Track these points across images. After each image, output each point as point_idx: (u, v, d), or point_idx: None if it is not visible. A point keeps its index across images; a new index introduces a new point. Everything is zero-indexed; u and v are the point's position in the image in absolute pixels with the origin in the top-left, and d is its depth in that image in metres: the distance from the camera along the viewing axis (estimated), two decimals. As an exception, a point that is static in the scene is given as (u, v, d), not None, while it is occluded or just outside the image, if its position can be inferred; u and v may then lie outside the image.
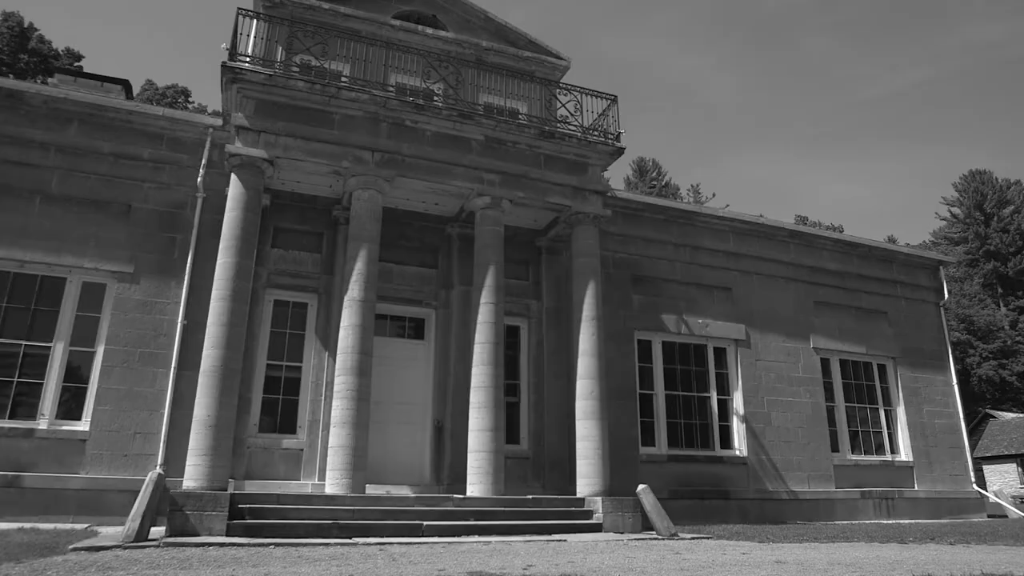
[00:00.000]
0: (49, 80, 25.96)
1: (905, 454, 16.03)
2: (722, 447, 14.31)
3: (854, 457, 15.50)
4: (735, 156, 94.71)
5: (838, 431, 15.56)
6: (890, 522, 14.24)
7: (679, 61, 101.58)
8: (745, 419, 14.49)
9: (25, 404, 10.35)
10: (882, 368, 16.62)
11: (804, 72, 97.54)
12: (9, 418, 10.19)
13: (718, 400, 14.60)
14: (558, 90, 13.03)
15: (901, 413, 16.29)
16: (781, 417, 14.82)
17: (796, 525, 12.89)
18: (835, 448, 15.31)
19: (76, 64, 36.65)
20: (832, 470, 14.91)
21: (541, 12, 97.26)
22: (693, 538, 9.68)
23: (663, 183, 51.95)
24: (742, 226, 15.72)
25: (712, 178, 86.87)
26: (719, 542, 9.18)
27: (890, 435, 16.20)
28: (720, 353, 14.93)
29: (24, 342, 10.53)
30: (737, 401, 14.67)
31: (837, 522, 13.95)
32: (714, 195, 52.36)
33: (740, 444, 14.41)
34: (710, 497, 13.55)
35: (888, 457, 15.89)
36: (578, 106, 12.66)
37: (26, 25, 36.05)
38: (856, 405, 16.04)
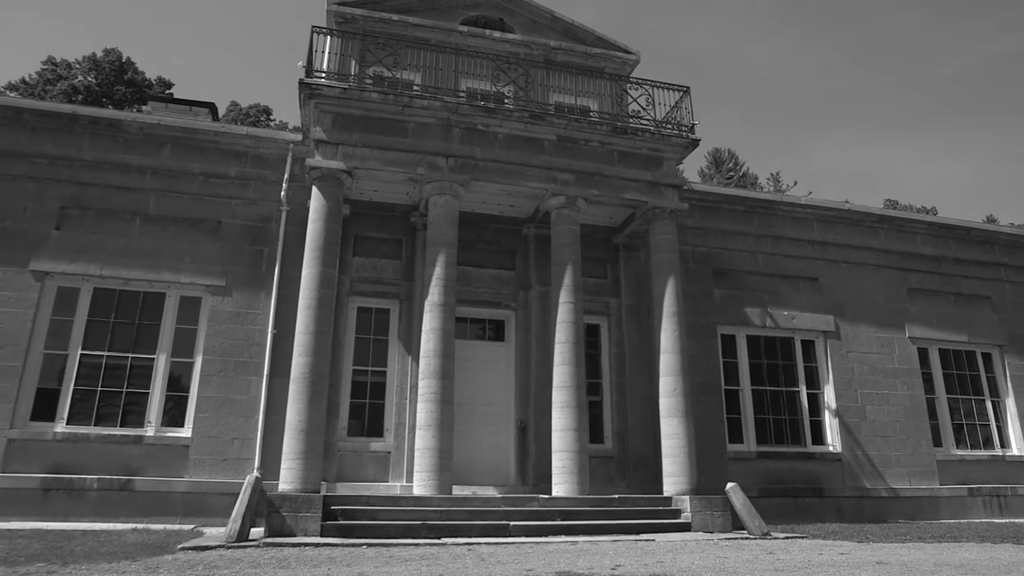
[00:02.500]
0: (143, 108, 27.57)
1: (1017, 448, 15.04)
2: (814, 443, 13.80)
3: (959, 452, 14.65)
4: (816, 141, 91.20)
5: (940, 424, 14.75)
6: (1003, 521, 13.38)
7: (753, 46, 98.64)
8: (837, 414, 13.94)
9: (133, 412, 11.01)
10: (987, 357, 15.65)
11: (887, 48, 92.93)
12: (120, 426, 10.88)
13: (808, 394, 14.09)
14: (628, 85, 12.88)
15: (1011, 404, 15.30)
16: (877, 411, 14.18)
17: (897, 524, 12.29)
18: (937, 443, 14.52)
19: (167, 91, 38.72)
20: (935, 466, 14.15)
21: (607, 7, 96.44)
22: (787, 538, 9.38)
23: (740, 173, 50.52)
24: (827, 213, 15.13)
25: (792, 166, 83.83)
26: (815, 542, 8.86)
27: (999, 428, 15.23)
28: (808, 346, 14.42)
29: (131, 355, 11.21)
30: (828, 395, 14.12)
31: (942, 521, 13.22)
32: (795, 183, 50.48)
33: (833, 440, 13.86)
34: (803, 495, 13.09)
35: (998, 452, 14.95)
36: (650, 100, 12.49)
37: (124, 60, 38.40)
38: (959, 397, 15.17)
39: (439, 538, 8.57)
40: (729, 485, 10.47)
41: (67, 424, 10.68)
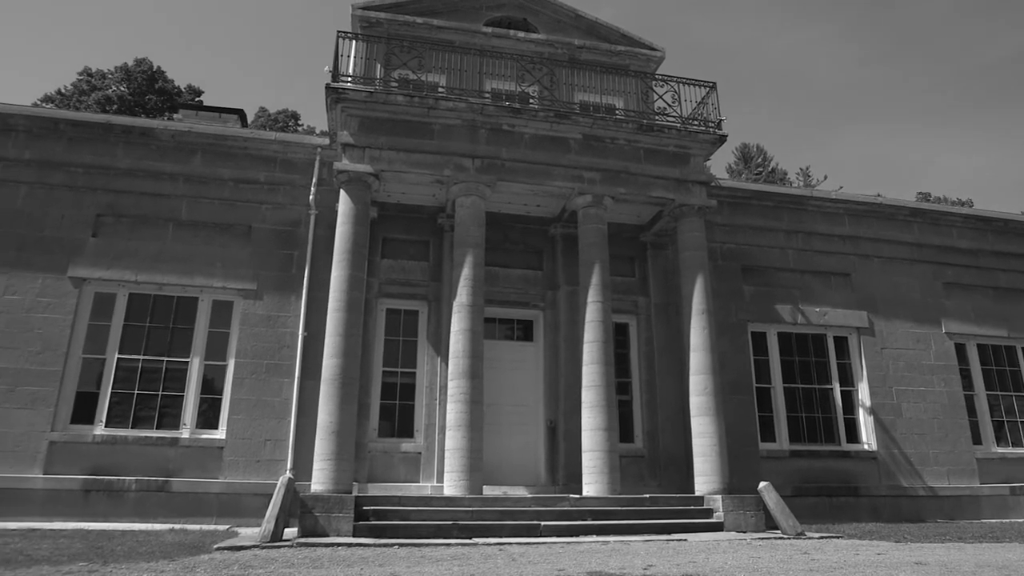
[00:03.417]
0: (174, 116, 28.04)
1: (1060, 445, 14.63)
2: (848, 441, 13.57)
3: (1000, 450, 14.31)
4: (847, 135, 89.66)
5: (980, 422, 14.42)
6: (1046, 519, 13.05)
7: (781, 39, 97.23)
8: (872, 411, 13.70)
9: (169, 415, 11.22)
10: (1028, 352, 15.26)
11: (921, 38, 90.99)
12: (156, 428, 11.09)
13: (841, 392, 13.86)
14: (654, 82, 12.80)
15: (1053, 400, 14.90)
16: (913, 408, 13.91)
17: (936, 524, 12.05)
18: (977, 440, 14.19)
19: (197, 99, 39.36)
20: (975, 464, 13.84)
21: (629, 5, 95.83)
22: (822, 537, 9.25)
23: (769, 169, 49.90)
24: (858, 207, 14.88)
25: (823, 160, 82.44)
26: (850, 541, 8.72)
27: (1041, 425, 14.85)
28: (841, 342, 14.20)
29: (165, 358, 11.43)
30: (862, 392, 13.88)
31: (983, 521, 12.92)
32: (825, 177, 49.51)
33: (868, 437, 13.62)
34: (838, 494, 12.88)
35: (1040, 449, 14.56)
36: (675, 96, 12.40)
37: (155, 69, 39.15)
38: (999, 393, 14.80)
39: (470, 538, 8.60)
40: (762, 484, 10.35)
41: (106, 427, 10.92)
